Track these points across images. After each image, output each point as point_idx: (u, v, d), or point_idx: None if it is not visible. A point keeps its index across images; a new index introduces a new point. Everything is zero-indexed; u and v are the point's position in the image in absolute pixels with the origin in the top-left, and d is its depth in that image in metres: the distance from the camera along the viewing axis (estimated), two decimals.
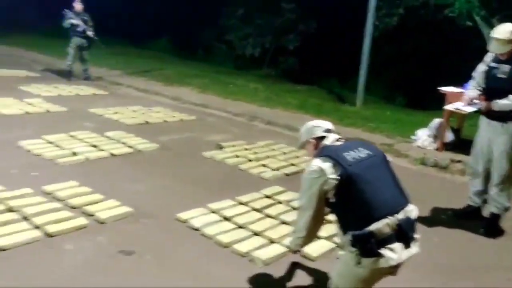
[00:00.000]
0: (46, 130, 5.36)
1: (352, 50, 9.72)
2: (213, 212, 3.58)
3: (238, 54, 14.64)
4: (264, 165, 4.82)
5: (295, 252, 2.82)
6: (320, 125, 2.39)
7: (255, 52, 14.38)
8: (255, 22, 13.89)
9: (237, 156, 5.03)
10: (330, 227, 3.12)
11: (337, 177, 2.09)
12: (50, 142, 4.96)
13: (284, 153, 5.33)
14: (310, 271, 2.90)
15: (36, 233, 3.07)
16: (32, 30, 15.42)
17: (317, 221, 2.31)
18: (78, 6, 8.92)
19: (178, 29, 15.38)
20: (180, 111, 7.07)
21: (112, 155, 4.80)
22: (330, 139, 2.33)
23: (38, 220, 3.20)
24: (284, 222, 3.49)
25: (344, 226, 2.15)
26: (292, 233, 2.51)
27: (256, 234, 3.28)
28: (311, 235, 2.40)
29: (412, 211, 2.14)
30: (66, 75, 9.05)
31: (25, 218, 3.25)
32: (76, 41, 8.89)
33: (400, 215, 2.07)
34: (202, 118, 6.89)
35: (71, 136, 5.25)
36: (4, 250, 2.86)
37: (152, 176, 4.35)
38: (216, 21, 14.54)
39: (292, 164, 4.92)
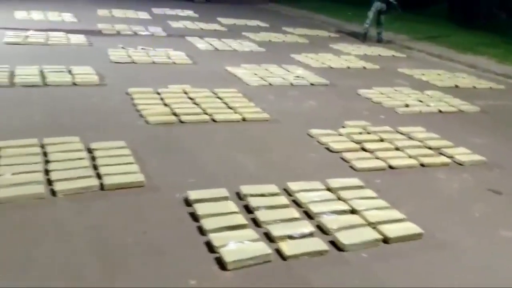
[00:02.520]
0: (375, 82, 6.30)
1: None
2: None
3: None
4: None
5: None
6: None
7: None
8: None
9: None
10: None
11: None
12: (382, 93, 5.85)
13: None
14: None
15: (412, 161, 3.89)
16: None
17: None
18: None
19: None
20: (485, 80, 7.13)
21: (440, 111, 5.38)
22: None
23: (409, 152, 4.02)
24: None
25: None
26: None
27: None
28: None
29: None
30: (361, 37, 10.05)
31: (397, 149, 4.12)
32: (377, 5, 9.73)
33: None
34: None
35: (396, 90, 6.05)
36: (394, 168, 3.75)
37: (487, 135, 4.74)
38: None
39: None
